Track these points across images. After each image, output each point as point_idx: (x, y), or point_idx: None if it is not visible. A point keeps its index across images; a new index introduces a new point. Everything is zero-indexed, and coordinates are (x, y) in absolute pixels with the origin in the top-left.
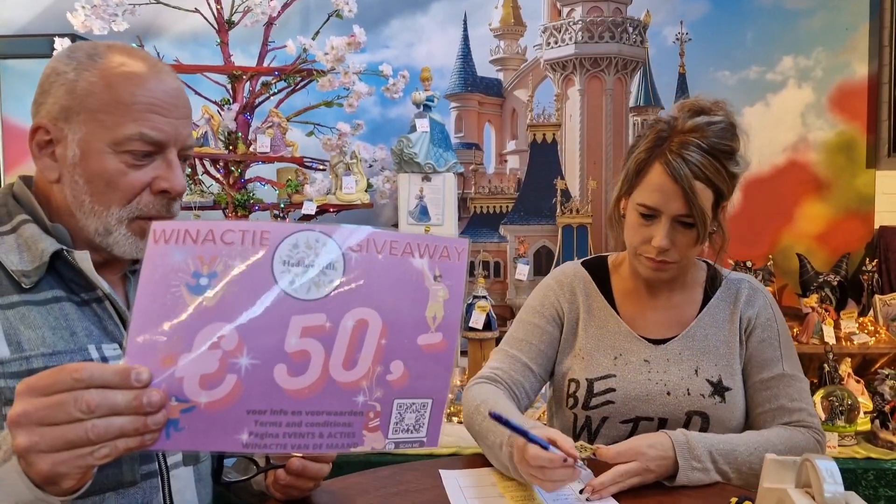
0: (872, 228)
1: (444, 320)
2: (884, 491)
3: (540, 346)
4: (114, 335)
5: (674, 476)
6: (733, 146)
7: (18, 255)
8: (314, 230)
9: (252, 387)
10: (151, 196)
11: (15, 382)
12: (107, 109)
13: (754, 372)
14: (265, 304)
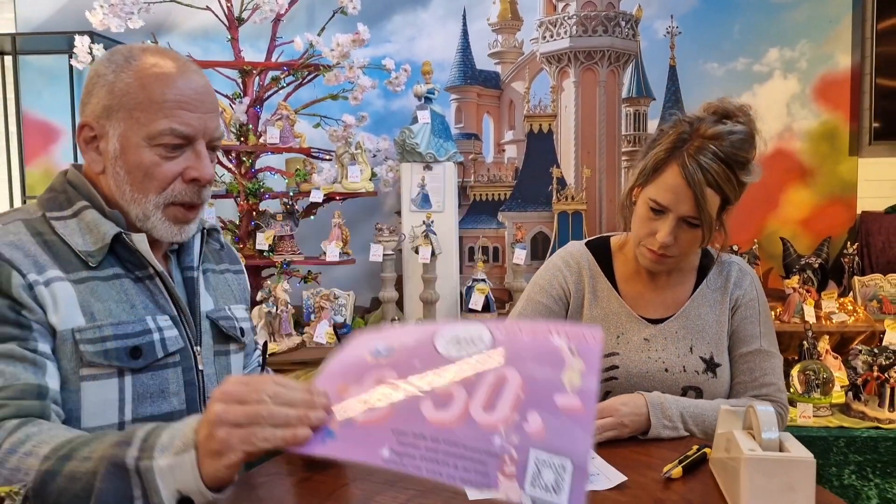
0: (855, 214)
1: (581, 388)
2: (853, 457)
3: None
4: (164, 308)
5: (646, 431)
6: (748, 157)
7: (82, 238)
8: (472, 322)
9: (401, 412)
10: (183, 184)
11: (89, 347)
12: (141, 107)
13: (735, 346)
14: (424, 361)
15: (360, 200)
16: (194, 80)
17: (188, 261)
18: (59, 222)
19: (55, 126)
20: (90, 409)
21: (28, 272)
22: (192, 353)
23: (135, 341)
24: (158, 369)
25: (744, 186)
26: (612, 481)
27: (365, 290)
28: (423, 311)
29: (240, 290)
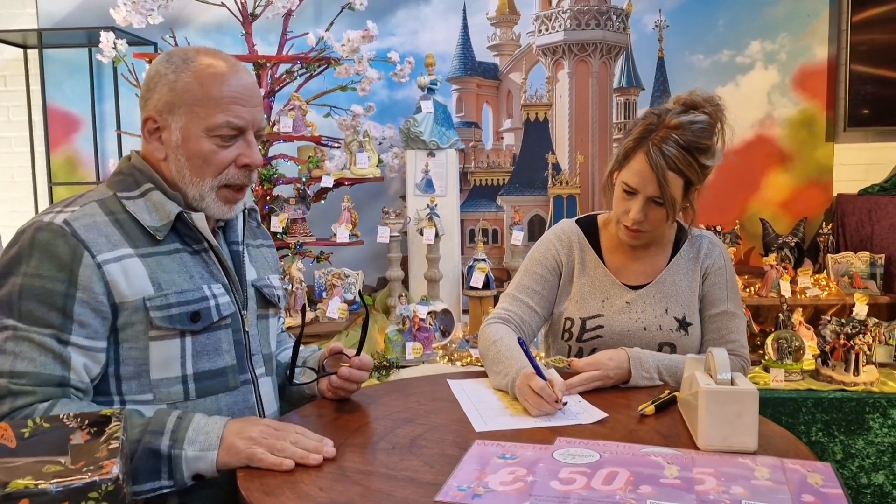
0: (830, 196)
1: (678, 476)
2: (820, 416)
3: (542, 292)
4: (217, 277)
5: (627, 381)
6: (708, 143)
7: (149, 215)
8: (582, 442)
9: (535, 486)
10: (236, 169)
11: (158, 314)
12: (200, 103)
13: (704, 308)
14: (546, 463)
15: (367, 185)
16: (245, 79)
17: (233, 236)
18: (129, 201)
19: (76, 116)
20: (157, 364)
21: (99, 252)
22: (241, 317)
23: (195, 307)
24: (213, 330)
25: (707, 169)
26: (595, 417)
27: (372, 269)
28: (427, 289)
29: (274, 262)
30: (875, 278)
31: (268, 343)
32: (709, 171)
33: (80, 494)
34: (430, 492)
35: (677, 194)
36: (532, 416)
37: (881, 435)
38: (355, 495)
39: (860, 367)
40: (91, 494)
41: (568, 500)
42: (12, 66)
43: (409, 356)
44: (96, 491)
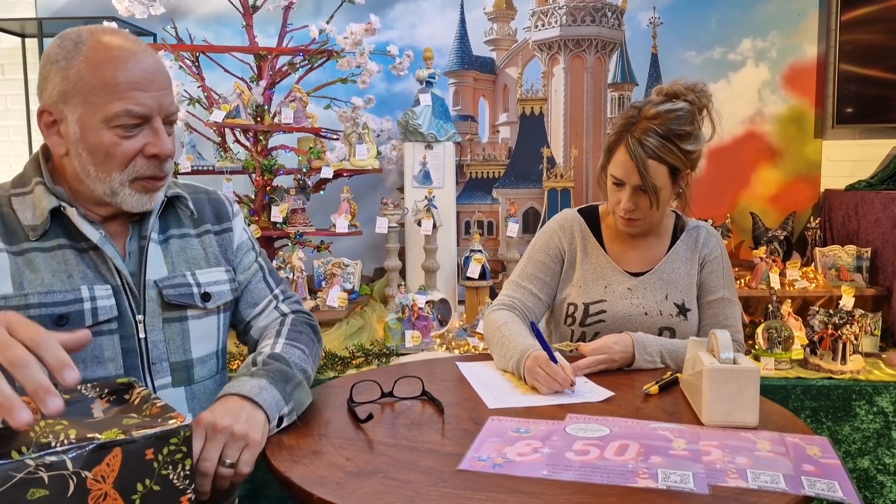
0: (818, 191)
1: (685, 448)
2: (808, 403)
3: (545, 279)
4: (106, 278)
5: (631, 364)
6: (689, 130)
7: (31, 212)
8: (592, 418)
9: (551, 457)
10: (144, 160)
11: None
12: (95, 91)
13: (702, 295)
14: (560, 436)
15: (366, 177)
16: (144, 60)
17: (144, 230)
18: (17, 198)
19: None
20: None
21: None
22: (134, 322)
23: (61, 309)
24: (92, 335)
25: (691, 153)
26: (602, 396)
27: (370, 259)
28: (424, 280)
29: (219, 250)
30: (861, 271)
31: (182, 349)
32: (694, 155)
33: (163, 441)
34: (452, 462)
35: (661, 182)
36: (542, 394)
37: (867, 421)
38: (381, 464)
39: (847, 357)
40: (172, 440)
41: (584, 469)
42: (10, 54)
43: (408, 344)
44: (176, 437)
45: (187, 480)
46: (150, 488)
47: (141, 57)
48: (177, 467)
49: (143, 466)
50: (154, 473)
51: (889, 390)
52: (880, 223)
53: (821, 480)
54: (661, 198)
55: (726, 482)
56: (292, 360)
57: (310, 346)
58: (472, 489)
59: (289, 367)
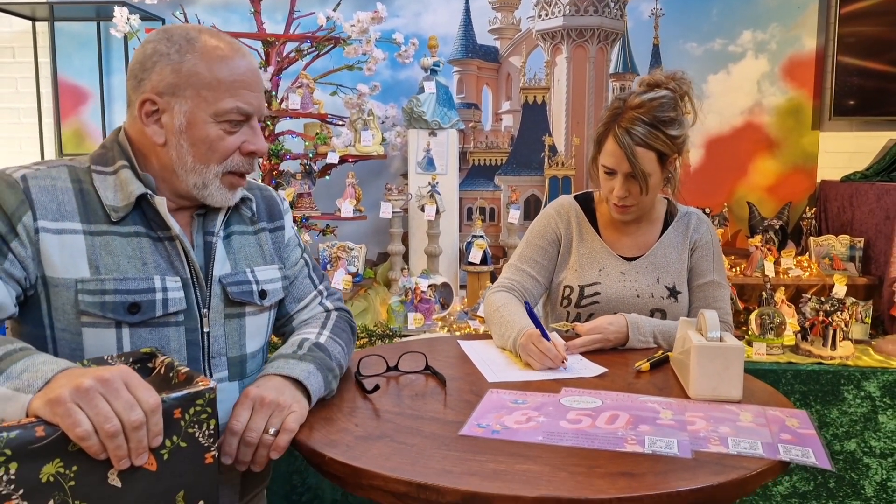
0: (815, 182)
1: (672, 418)
2: (799, 387)
3: (543, 262)
4: (178, 270)
5: (625, 343)
6: (672, 116)
7: (114, 193)
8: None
9: (546, 425)
10: (241, 156)
11: (87, 298)
12: (209, 87)
13: (692, 279)
14: (555, 407)
15: (370, 162)
16: (252, 63)
17: (210, 226)
18: (99, 176)
19: (84, 89)
20: (90, 352)
21: (43, 217)
22: (199, 316)
23: (135, 297)
24: (158, 326)
25: (677, 138)
26: (596, 372)
27: (374, 244)
28: (427, 264)
29: (273, 247)
30: (854, 260)
31: (239, 344)
32: (679, 139)
33: (190, 402)
34: (453, 428)
35: (650, 168)
36: (535, 369)
37: (854, 405)
38: (388, 430)
39: (837, 343)
40: (198, 402)
41: (577, 436)
42: (21, 38)
43: (410, 326)
44: (202, 398)
45: (212, 439)
46: (177, 444)
47: (249, 60)
48: (202, 426)
49: (172, 425)
50: (181, 431)
51: (877, 376)
52: (874, 214)
53: (796, 447)
54: (650, 183)
55: (708, 448)
56: (334, 354)
57: (348, 344)
58: (472, 452)
59: (330, 358)
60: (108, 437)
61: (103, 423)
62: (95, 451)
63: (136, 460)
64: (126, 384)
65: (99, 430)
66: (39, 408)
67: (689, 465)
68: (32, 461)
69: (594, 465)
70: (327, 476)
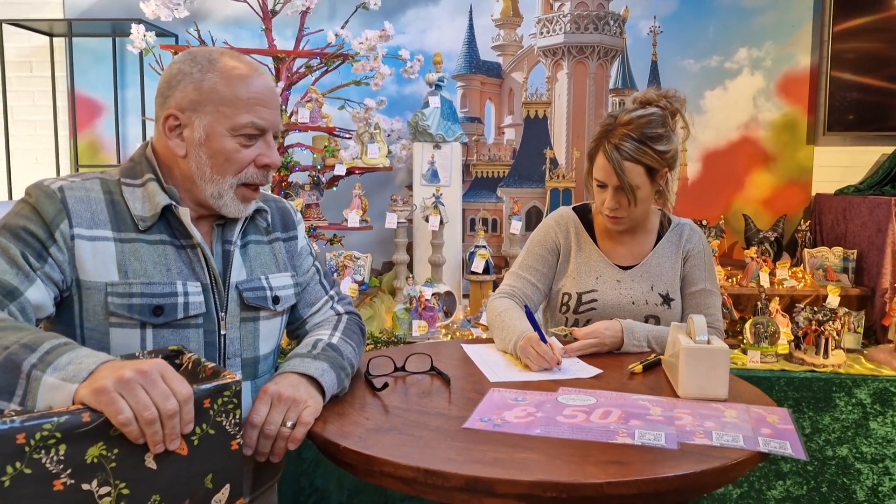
0: (810, 195)
1: (661, 414)
2: (791, 394)
3: (543, 270)
4: (198, 276)
5: (620, 348)
6: (661, 132)
7: (141, 204)
8: (581, 390)
9: (543, 419)
10: (255, 169)
11: (117, 300)
12: (227, 103)
13: (685, 286)
14: (552, 404)
15: (376, 174)
16: (268, 82)
17: (229, 235)
18: (128, 188)
19: (99, 102)
20: (116, 351)
21: (78, 225)
22: (217, 319)
23: (159, 301)
24: (179, 327)
25: (664, 153)
26: (591, 373)
27: (379, 253)
28: (431, 273)
29: (286, 256)
30: (847, 272)
31: (253, 346)
32: (668, 154)
33: (218, 393)
34: (458, 423)
35: (639, 181)
36: (533, 371)
37: (846, 412)
38: (397, 424)
39: (829, 351)
40: (225, 393)
41: (572, 429)
42: (38, 52)
43: (415, 333)
44: (229, 390)
45: (237, 428)
46: (206, 432)
47: (266, 79)
48: (229, 416)
49: (202, 414)
50: (210, 420)
51: (867, 383)
52: (866, 227)
53: (775, 440)
54: (638, 196)
55: (693, 440)
56: (345, 353)
57: (359, 344)
58: (475, 443)
59: (342, 358)
60: (146, 424)
61: (142, 411)
62: (135, 436)
63: (170, 445)
64: (162, 376)
65: (138, 417)
66: (86, 396)
67: (675, 455)
68: (79, 444)
69: (587, 455)
70: (341, 465)
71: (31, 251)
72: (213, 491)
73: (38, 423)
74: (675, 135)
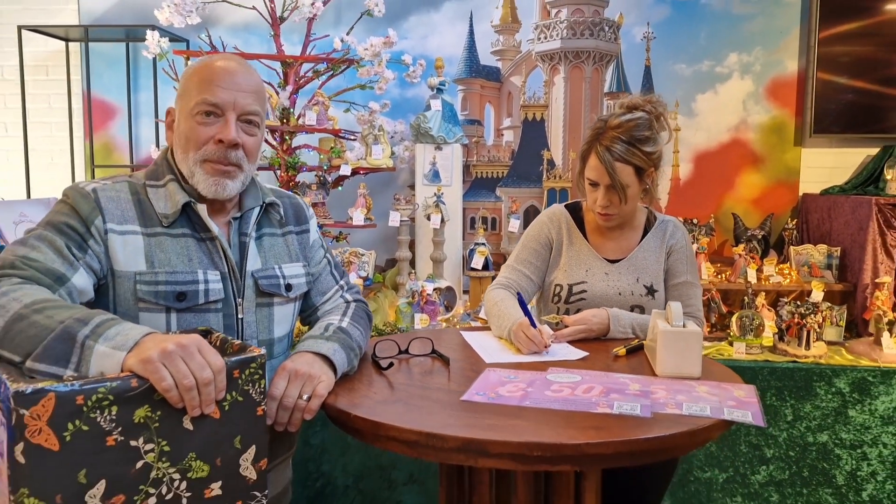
0: (797, 195)
1: (639, 390)
2: (774, 383)
3: (536, 263)
4: (217, 265)
5: (606, 334)
6: (647, 135)
7: (164, 202)
8: (568, 370)
9: (532, 393)
10: (213, 145)
11: (144, 287)
12: (188, 90)
13: (668, 279)
14: (541, 380)
15: (380, 174)
16: (231, 67)
17: (245, 228)
18: (152, 189)
19: (113, 105)
20: None
21: (110, 220)
22: (235, 304)
23: (182, 287)
24: (201, 312)
25: (651, 154)
26: (578, 356)
27: (382, 250)
28: (432, 269)
29: (299, 247)
30: (831, 268)
31: (268, 330)
32: (655, 155)
33: (245, 364)
34: (456, 396)
35: (629, 180)
36: (524, 353)
37: (826, 400)
38: (402, 396)
39: (811, 343)
40: (252, 365)
41: (558, 401)
42: (54, 57)
43: (417, 326)
44: (255, 363)
45: (262, 396)
46: (235, 399)
47: (230, 65)
48: (255, 385)
49: (231, 382)
50: (239, 388)
51: (846, 373)
52: (849, 225)
53: (738, 410)
54: (628, 193)
55: (665, 410)
56: (354, 336)
57: (366, 329)
58: (470, 412)
59: (351, 339)
60: (185, 390)
61: (182, 379)
62: (175, 401)
63: (205, 409)
64: (199, 349)
65: (179, 385)
66: (134, 364)
67: (648, 422)
68: (128, 406)
69: (570, 422)
70: (351, 431)
71: (73, 243)
72: (240, 451)
73: (94, 387)
74: (660, 137)
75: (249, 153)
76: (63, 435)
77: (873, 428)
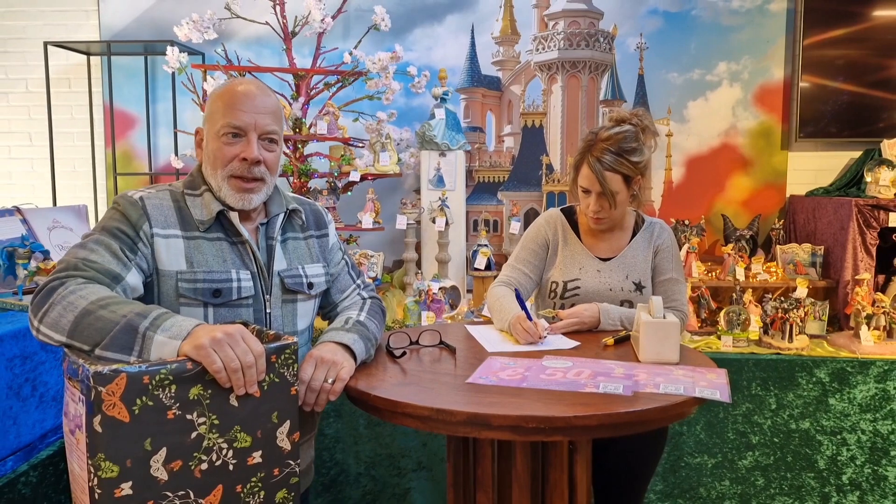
0: (784, 197)
1: (625, 373)
2: (759, 373)
3: (535, 263)
4: (248, 265)
5: (597, 326)
6: (634, 146)
7: (200, 210)
8: (561, 357)
9: (529, 377)
10: (238, 163)
11: (185, 285)
12: (214, 112)
13: (655, 276)
14: (537, 365)
15: (388, 180)
16: (251, 91)
17: (271, 232)
18: (190, 197)
19: (132, 116)
20: None
21: (156, 225)
22: (263, 300)
23: (218, 285)
24: (234, 307)
25: (638, 163)
26: (571, 345)
27: (390, 252)
28: (437, 270)
29: (319, 250)
30: (815, 266)
31: (292, 323)
32: (641, 164)
33: (281, 350)
34: (462, 380)
35: (617, 187)
36: (521, 344)
37: (808, 390)
38: (414, 380)
39: (794, 336)
40: (286, 350)
41: (550, 383)
42: (76, 70)
43: (423, 323)
44: (289, 349)
45: (295, 378)
46: (272, 380)
47: (249, 89)
48: (289, 368)
49: (269, 366)
50: (276, 370)
51: (826, 364)
52: (832, 225)
53: (707, 389)
54: (618, 199)
55: (645, 390)
56: (371, 328)
57: (381, 322)
58: (475, 393)
59: (368, 331)
60: (232, 372)
61: (229, 363)
62: (223, 381)
63: (248, 389)
64: (243, 337)
65: (226, 367)
66: (189, 350)
67: (629, 399)
68: (184, 385)
69: (561, 399)
70: (369, 410)
71: (125, 246)
72: (277, 425)
73: (157, 369)
74: (646, 147)
75: (271, 167)
76: (132, 409)
77: (852, 415)
